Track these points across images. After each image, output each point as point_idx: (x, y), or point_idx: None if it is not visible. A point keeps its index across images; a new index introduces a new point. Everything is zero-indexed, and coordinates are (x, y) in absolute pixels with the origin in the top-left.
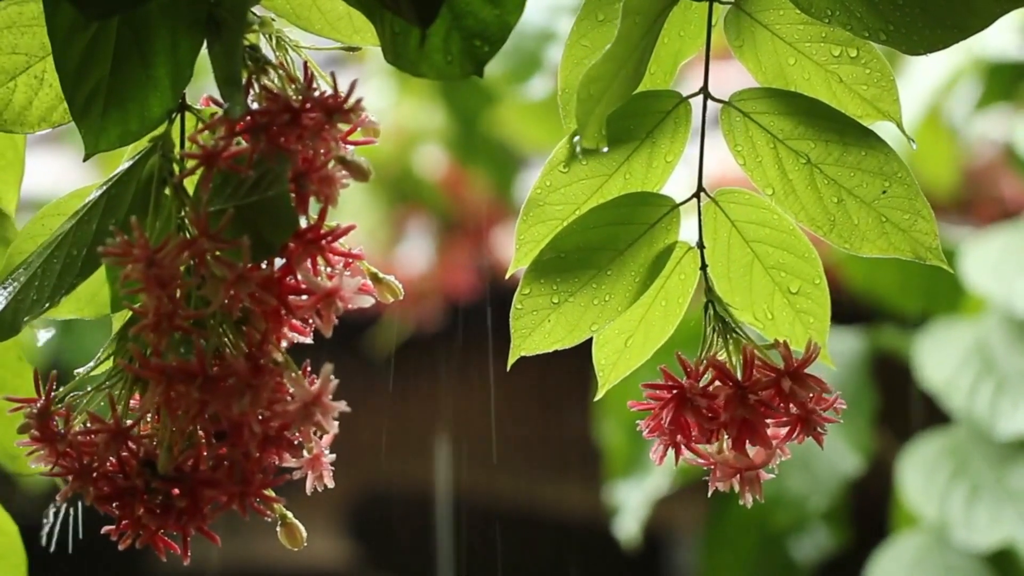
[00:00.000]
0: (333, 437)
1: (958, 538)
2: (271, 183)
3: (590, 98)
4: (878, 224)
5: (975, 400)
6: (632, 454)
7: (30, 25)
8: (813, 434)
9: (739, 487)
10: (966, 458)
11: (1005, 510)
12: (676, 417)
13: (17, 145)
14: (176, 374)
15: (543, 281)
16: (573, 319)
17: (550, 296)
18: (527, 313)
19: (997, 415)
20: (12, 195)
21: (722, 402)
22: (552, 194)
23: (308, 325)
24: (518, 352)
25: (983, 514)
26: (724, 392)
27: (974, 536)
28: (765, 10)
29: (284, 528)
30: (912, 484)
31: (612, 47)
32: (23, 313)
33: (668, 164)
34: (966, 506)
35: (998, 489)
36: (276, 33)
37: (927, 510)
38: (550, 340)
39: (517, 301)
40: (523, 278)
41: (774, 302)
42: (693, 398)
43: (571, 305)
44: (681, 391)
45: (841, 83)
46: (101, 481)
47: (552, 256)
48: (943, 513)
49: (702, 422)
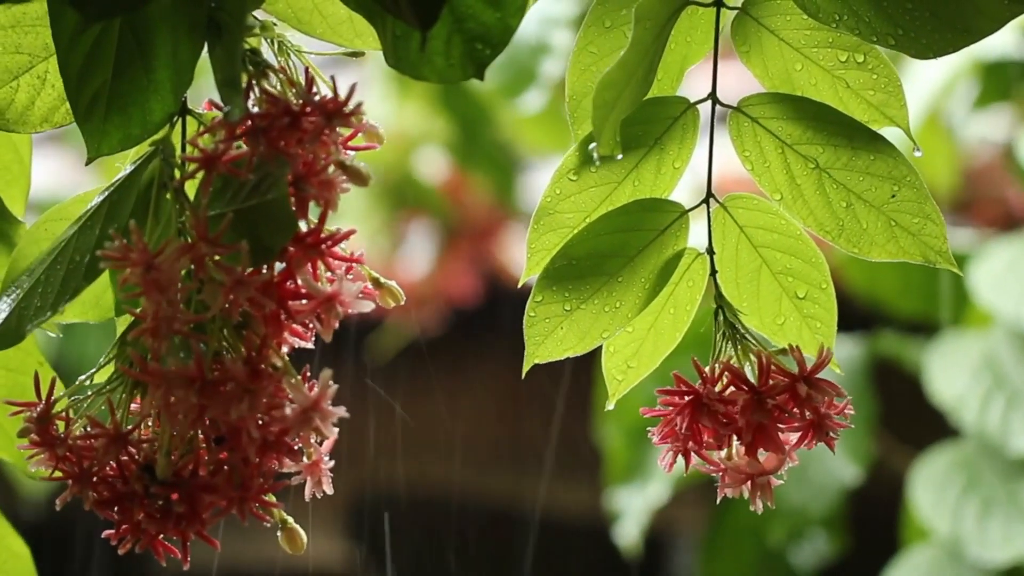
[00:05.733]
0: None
1: (971, 554)
2: (270, 187)
3: (605, 104)
4: (887, 228)
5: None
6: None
7: (34, 25)
8: (825, 439)
9: (750, 493)
10: (977, 473)
11: (1018, 525)
12: (692, 423)
13: (23, 158)
14: (175, 378)
15: (555, 288)
16: (585, 326)
17: (562, 303)
18: (540, 320)
19: (1009, 432)
20: (19, 207)
21: (740, 407)
22: (562, 202)
23: (309, 330)
24: (532, 360)
25: (996, 530)
26: (742, 397)
27: (987, 552)
28: (772, 15)
29: (285, 533)
30: (923, 498)
31: (626, 53)
32: (27, 320)
33: (676, 170)
34: (978, 522)
35: (1010, 505)
36: (277, 37)
37: (939, 525)
38: (562, 347)
39: (530, 308)
40: (535, 285)
41: (781, 307)
42: (710, 403)
43: (583, 312)
44: (697, 397)
45: (848, 88)
46: (100, 486)
47: (564, 263)
48: (955, 528)
49: (718, 428)
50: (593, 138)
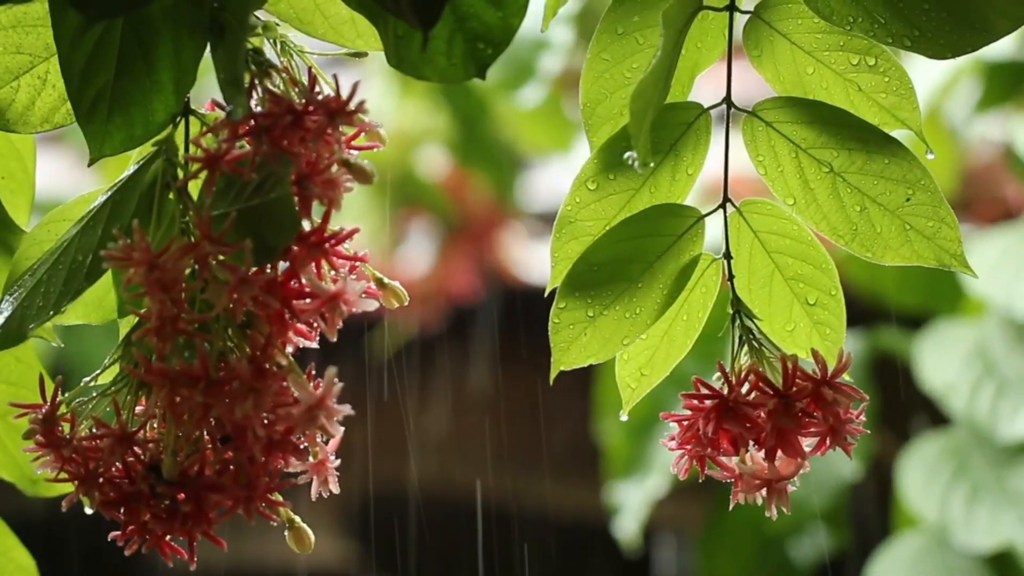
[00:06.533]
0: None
1: (958, 540)
2: (273, 186)
3: (639, 112)
4: (902, 232)
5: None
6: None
7: (35, 25)
8: (842, 444)
9: (765, 499)
10: (966, 460)
11: (1005, 512)
12: (718, 427)
13: (27, 167)
14: (180, 378)
15: (578, 295)
16: (607, 333)
17: (586, 310)
18: (564, 327)
19: (998, 419)
20: (24, 217)
21: (768, 412)
22: (582, 211)
23: (312, 329)
24: (558, 367)
25: (983, 516)
26: (769, 402)
27: (974, 538)
28: (784, 19)
29: (292, 532)
30: (912, 485)
31: (659, 60)
32: (29, 320)
33: (690, 176)
34: (966, 508)
35: (998, 491)
36: (280, 38)
37: (927, 511)
38: (585, 354)
39: (554, 315)
40: (559, 292)
41: (792, 313)
42: (736, 407)
43: (606, 319)
44: (723, 401)
45: (860, 92)
46: (106, 486)
47: (585, 268)
48: (943, 514)
49: (742, 432)
50: (612, 146)
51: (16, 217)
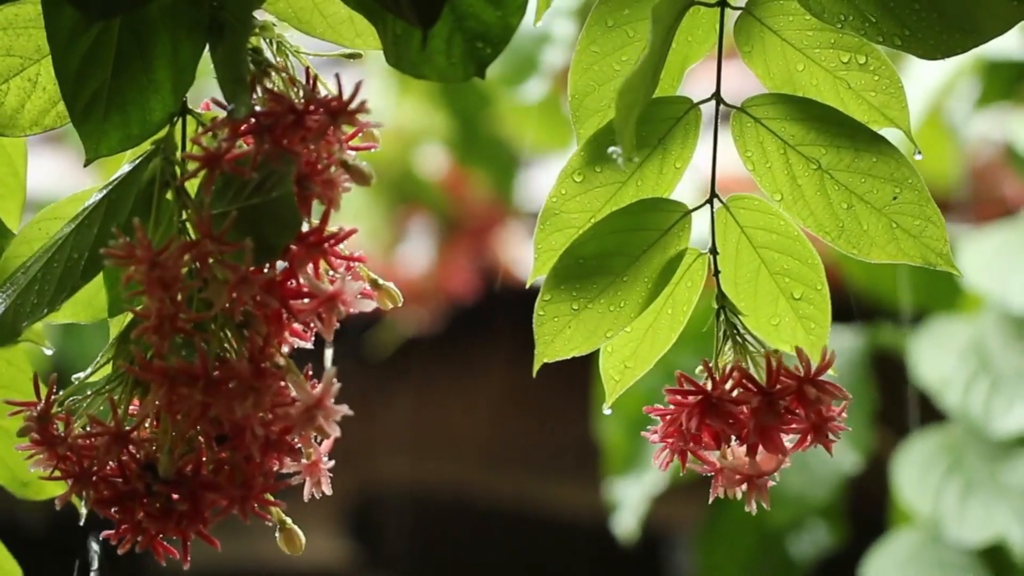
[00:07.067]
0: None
1: (951, 534)
2: (275, 185)
3: (627, 107)
4: (888, 230)
5: (970, 398)
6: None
7: (26, 27)
8: (823, 442)
9: (746, 494)
10: (960, 455)
11: (998, 506)
12: (701, 424)
13: (18, 172)
14: (178, 376)
15: (563, 287)
16: (591, 326)
17: (570, 303)
18: (549, 320)
19: (992, 414)
20: (15, 220)
21: (751, 409)
22: (568, 203)
23: (309, 329)
24: (542, 359)
25: (976, 510)
26: (753, 399)
27: (967, 532)
28: (775, 16)
29: (283, 533)
30: (907, 481)
31: (647, 56)
32: (23, 317)
33: (678, 170)
34: (959, 502)
35: (991, 485)
36: (277, 38)
37: (921, 507)
38: (569, 347)
39: (539, 308)
40: (544, 285)
41: (778, 308)
42: (720, 404)
43: (590, 312)
44: (707, 397)
45: (849, 89)
46: (101, 485)
47: (571, 262)
48: (937, 510)
49: (724, 428)
50: (599, 139)
51: (7, 221)
